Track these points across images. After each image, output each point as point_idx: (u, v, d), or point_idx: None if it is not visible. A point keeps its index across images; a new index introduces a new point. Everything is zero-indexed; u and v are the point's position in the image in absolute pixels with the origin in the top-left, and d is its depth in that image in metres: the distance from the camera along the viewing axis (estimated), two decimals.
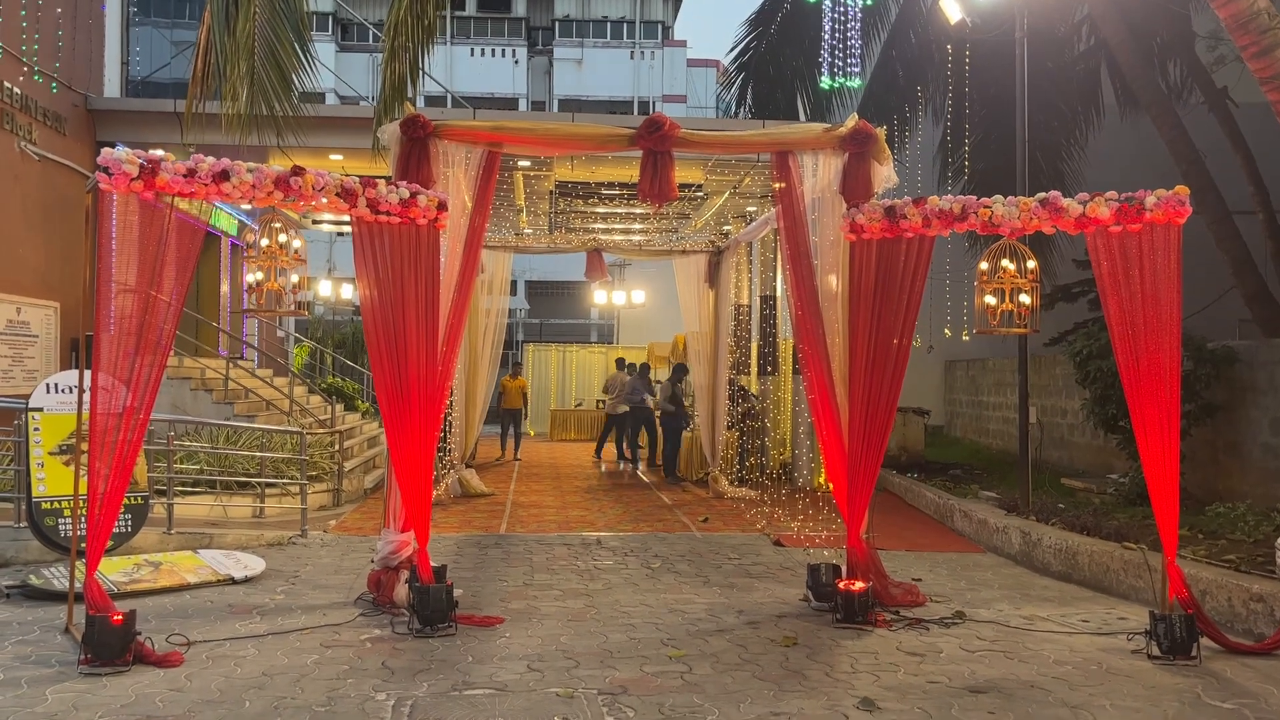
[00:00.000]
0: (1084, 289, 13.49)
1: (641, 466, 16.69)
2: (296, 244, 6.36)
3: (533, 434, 23.88)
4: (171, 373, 13.81)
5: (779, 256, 16.91)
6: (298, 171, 5.88)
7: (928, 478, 13.18)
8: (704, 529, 10.45)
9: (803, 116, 14.42)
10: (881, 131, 7.09)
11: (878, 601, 6.72)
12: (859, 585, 6.57)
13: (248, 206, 9.15)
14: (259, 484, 10.22)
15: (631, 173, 15.85)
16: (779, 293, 16.51)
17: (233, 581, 7.37)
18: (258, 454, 10.55)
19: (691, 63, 42.76)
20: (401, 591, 6.69)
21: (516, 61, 40.66)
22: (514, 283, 36.91)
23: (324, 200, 5.98)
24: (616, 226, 16.60)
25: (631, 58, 40.38)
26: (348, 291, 22.09)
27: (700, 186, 16.09)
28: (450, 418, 12.85)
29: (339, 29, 39.06)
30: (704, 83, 41.83)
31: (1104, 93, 16.37)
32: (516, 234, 14.21)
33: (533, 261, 37.08)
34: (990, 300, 6.71)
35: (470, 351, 12.73)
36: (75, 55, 12.28)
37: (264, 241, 6.23)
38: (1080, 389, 11.47)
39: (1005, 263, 6.64)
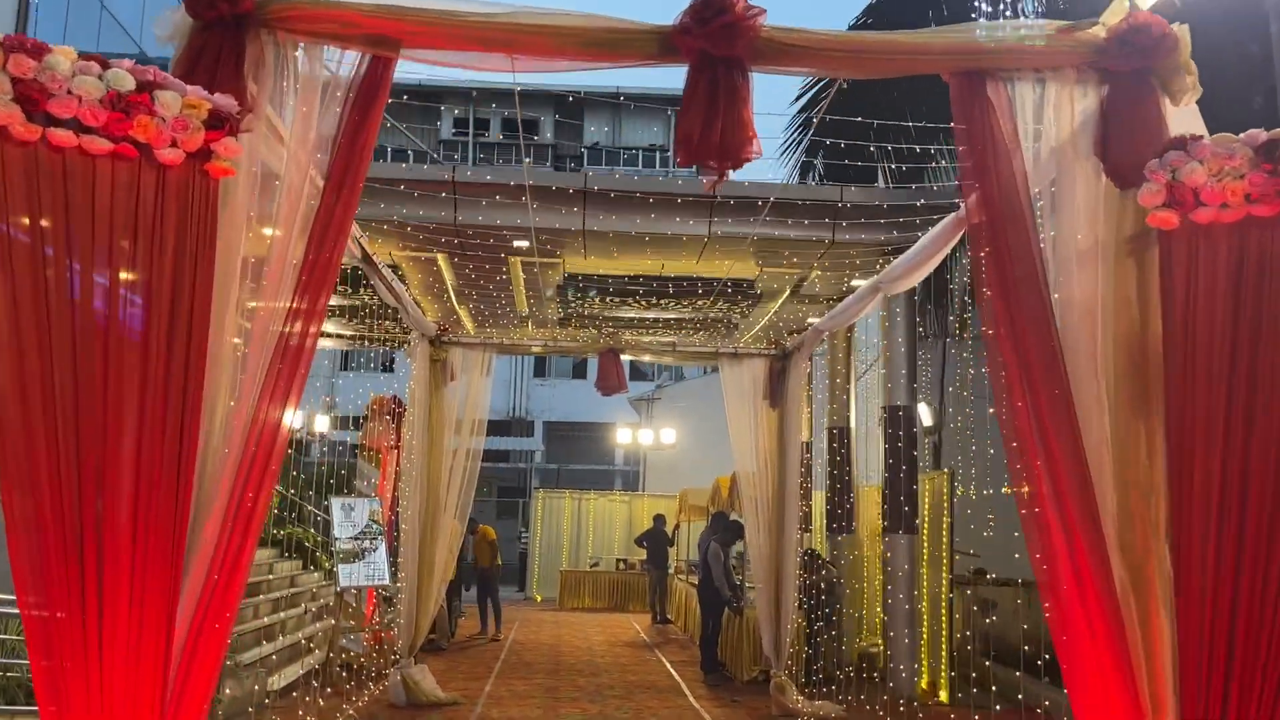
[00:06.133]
0: None
1: (670, 648, 12.53)
2: None
3: (539, 600, 19.71)
4: None
5: (852, 371, 13.17)
6: None
7: None
8: None
9: (881, 182, 10.93)
10: (1183, 31, 3.44)
11: None
12: None
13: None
14: None
15: (661, 263, 12.42)
16: (853, 424, 12.69)
17: None
18: None
19: None
20: None
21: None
22: (531, 423, 33.35)
23: None
24: (645, 339, 13.03)
25: None
26: (322, 423, 18.46)
27: (753, 284, 12.58)
28: (398, 593, 8.95)
29: None
30: None
31: None
32: (498, 328, 10.61)
33: (553, 400, 33.67)
34: None
35: (428, 499, 8.89)
36: None
37: None
38: None
39: None
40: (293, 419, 3.29)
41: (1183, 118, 3.45)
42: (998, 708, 7.92)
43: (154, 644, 2.67)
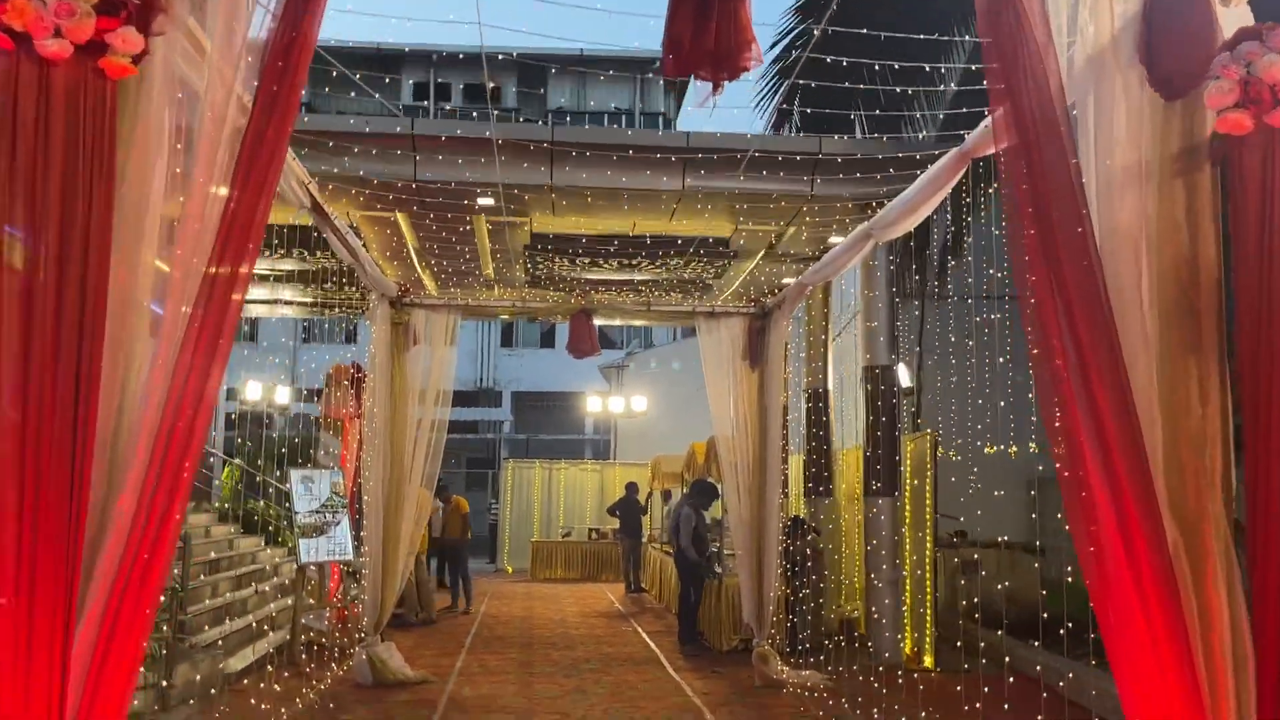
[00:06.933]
0: None
1: (647, 620, 12.22)
2: None
3: (510, 571, 19.35)
4: None
5: (830, 331, 12.81)
6: None
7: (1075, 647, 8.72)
8: None
9: (858, 131, 10.52)
10: None
11: None
12: None
13: None
14: None
15: (633, 222, 11.96)
16: (830, 385, 12.35)
17: None
18: None
19: None
20: None
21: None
22: (499, 393, 32.82)
23: None
24: (618, 299, 12.56)
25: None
26: (284, 395, 17.84)
27: (727, 243, 12.14)
28: (361, 570, 8.51)
29: None
30: None
31: None
32: (463, 287, 10.12)
33: (521, 370, 33.11)
34: None
35: (394, 468, 8.43)
36: None
37: None
38: None
39: None
40: (220, 383, 2.83)
41: (1234, 19, 3.05)
42: (1012, 680, 7.56)
43: (48, 638, 2.22)
